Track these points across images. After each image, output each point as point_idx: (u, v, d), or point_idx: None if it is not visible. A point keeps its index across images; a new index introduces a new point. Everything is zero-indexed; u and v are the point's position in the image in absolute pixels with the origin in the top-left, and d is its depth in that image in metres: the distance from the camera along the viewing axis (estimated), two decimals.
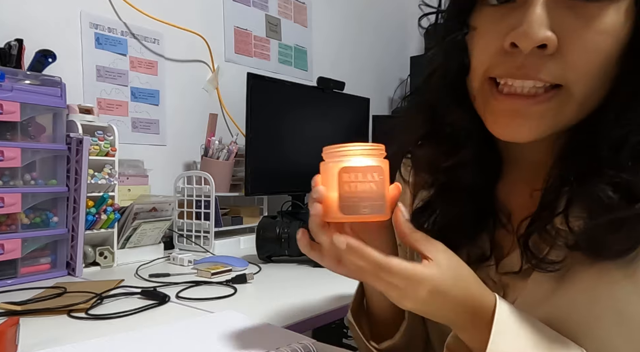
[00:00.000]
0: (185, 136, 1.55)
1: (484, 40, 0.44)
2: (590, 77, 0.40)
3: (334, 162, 0.47)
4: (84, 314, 0.76)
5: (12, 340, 0.59)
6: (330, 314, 0.81)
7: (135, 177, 1.31)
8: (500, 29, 0.42)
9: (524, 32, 0.39)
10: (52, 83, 1.04)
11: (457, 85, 0.49)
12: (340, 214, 0.46)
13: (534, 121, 0.43)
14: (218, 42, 1.64)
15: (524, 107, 0.42)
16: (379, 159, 0.47)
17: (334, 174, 0.47)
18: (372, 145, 0.48)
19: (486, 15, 0.44)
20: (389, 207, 0.47)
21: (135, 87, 1.42)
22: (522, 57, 0.40)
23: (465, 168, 0.50)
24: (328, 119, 1.64)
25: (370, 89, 2.22)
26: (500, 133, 0.45)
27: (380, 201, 0.46)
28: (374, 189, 0.46)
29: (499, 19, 0.42)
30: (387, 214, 0.47)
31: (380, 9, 2.35)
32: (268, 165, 1.41)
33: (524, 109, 0.42)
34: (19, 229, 0.98)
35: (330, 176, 0.47)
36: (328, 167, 0.48)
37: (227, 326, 0.64)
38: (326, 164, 0.49)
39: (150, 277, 1.01)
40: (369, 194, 0.46)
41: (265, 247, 1.18)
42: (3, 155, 0.93)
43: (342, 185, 0.46)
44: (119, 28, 1.38)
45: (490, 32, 0.43)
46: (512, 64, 0.41)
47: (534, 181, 0.49)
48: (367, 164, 0.46)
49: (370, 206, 0.46)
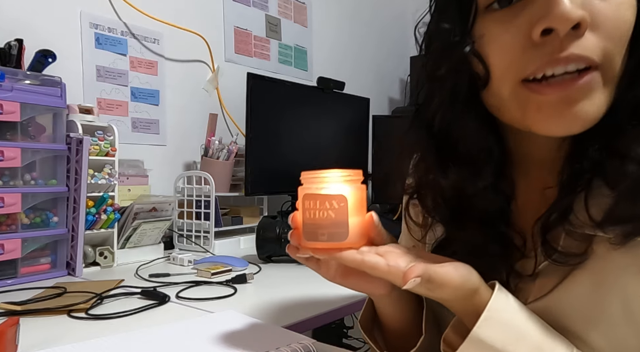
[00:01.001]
0: (185, 136, 1.55)
1: (501, 43, 0.42)
2: (622, 49, 0.40)
3: (302, 188, 0.49)
4: (84, 314, 0.76)
5: (12, 340, 0.59)
6: (330, 314, 0.81)
7: (135, 177, 1.31)
8: (519, 25, 0.40)
9: (560, 13, 0.37)
10: (52, 83, 1.04)
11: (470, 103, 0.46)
12: (304, 240, 0.48)
13: (587, 106, 0.40)
14: (218, 42, 1.64)
15: (574, 92, 0.40)
16: (351, 186, 0.47)
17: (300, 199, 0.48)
18: (346, 173, 0.48)
19: (493, 21, 0.42)
20: (357, 235, 0.47)
21: (135, 87, 1.42)
22: (558, 41, 0.39)
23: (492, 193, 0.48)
24: (328, 119, 1.64)
25: (370, 89, 2.22)
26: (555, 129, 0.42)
27: (340, 229, 0.46)
28: (332, 217, 0.46)
29: (511, 19, 0.41)
30: (350, 241, 0.46)
31: (380, 9, 2.35)
32: (268, 165, 1.41)
33: (574, 94, 0.40)
34: (19, 229, 0.98)
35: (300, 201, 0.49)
36: (299, 192, 0.49)
37: (227, 326, 0.64)
38: (300, 189, 0.50)
39: (150, 277, 1.01)
40: (327, 222, 0.46)
41: (265, 247, 1.18)
42: (3, 155, 0.93)
43: (303, 212, 0.48)
44: (119, 28, 1.38)
45: (507, 33, 0.41)
46: (548, 51, 0.39)
47: (545, 179, 0.48)
48: (326, 193, 0.47)
49: (329, 233, 0.46)
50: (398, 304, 0.53)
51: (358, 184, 0.48)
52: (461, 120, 0.47)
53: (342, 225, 0.46)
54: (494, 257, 0.49)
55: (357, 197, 0.47)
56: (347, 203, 0.46)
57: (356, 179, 0.48)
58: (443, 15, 0.46)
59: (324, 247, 0.47)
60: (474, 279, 0.42)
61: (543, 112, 0.41)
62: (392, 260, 0.42)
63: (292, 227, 0.49)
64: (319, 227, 0.46)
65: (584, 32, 0.38)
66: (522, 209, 0.50)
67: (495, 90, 0.44)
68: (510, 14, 0.41)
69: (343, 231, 0.46)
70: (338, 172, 0.47)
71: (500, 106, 0.45)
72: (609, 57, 0.39)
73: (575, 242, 0.44)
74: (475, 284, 0.42)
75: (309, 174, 0.48)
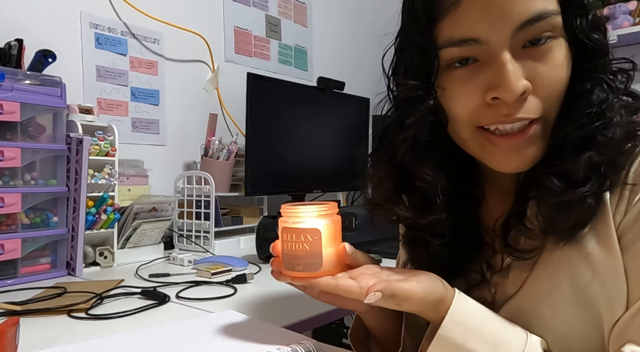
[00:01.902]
0: (185, 136, 1.55)
1: (462, 98, 0.49)
2: (557, 103, 0.48)
3: (281, 220, 0.53)
4: (84, 314, 0.76)
5: (12, 340, 0.59)
6: (330, 314, 0.81)
7: (135, 177, 1.31)
8: (476, 86, 0.48)
9: (507, 88, 0.45)
10: (52, 83, 1.04)
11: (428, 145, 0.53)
12: (283, 268, 0.53)
13: (531, 151, 0.49)
14: (218, 42, 1.64)
15: (520, 142, 0.48)
16: (325, 219, 0.52)
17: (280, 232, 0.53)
18: (321, 206, 0.52)
19: (454, 77, 0.49)
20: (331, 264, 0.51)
21: (135, 87, 1.42)
22: (506, 106, 0.46)
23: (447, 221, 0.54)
24: (328, 119, 1.64)
25: (370, 89, 2.21)
26: (506, 168, 0.50)
27: (314, 260, 0.51)
28: (307, 249, 0.51)
29: (469, 78, 0.48)
30: (325, 270, 0.51)
31: (380, 8, 2.35)
32: (268, 165, 1.41)
33: (520, 144, 0.48)
34: (19, 229, 0.98)
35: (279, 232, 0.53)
36: (279, 224, 0.54)
37: (227, 326, 0.64)
38: (279, 220, 0.54)
39: (150, 277, 1.01)
40: (302, 254, 0.51)
41: (265, 247, 1.17)
42: (3, 155, 0.93)
43: (282, 243, 0.52)
44: (119, 28, 1.38)
45: (466, 90, 0.49)
46: (498, 113, 0.47)
47: (508, 185, 0.55)
48: (302, 227, 0.51)
49: (304, 264, 0.51)
50: (379, 318, 0.59)
51: (333, 217, 0.53)
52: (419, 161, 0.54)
53: (317, 256, 0.51)
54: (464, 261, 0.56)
55: (331, 229, 0.52)
56: (321, 236, 0.51)
57: (330, 212, 0.53)
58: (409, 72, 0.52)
59: (301, 276, 0.52)
60: (438, 289, 0.48)
61: (496, 157, 0.50)
62: (363, 281, 0.48)
63: (274, 255, 0.54)
64: (295, 258, 0.51)
65: (527, 97, 0.46)
66: (491, 210, 0.57)
67: (455, 132, 0.52)
68: (467, 73, 0.48)
69: (317, 261, 0.51)
70: (314, 207, 0.52)
71: (460, 143, 0.53)
72: (548, 111, 0.48)
73: (530, 241, 0.51)
74: (440, 294, 0.48)
75: (288, 207, 0.53)
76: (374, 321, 0.60)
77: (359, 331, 0.64)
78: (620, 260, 0.47)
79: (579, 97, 0.48)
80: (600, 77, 0.48)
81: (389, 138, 0.57)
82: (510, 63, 0.45)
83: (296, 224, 0.51)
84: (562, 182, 0.48)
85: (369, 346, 0.64)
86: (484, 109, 0.48)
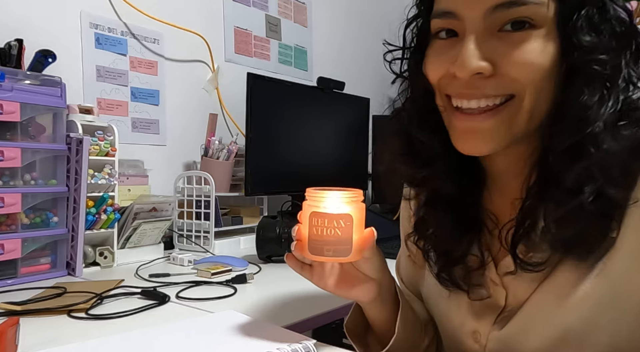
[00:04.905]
0: (185, 136, 1.55)
1: (433, 65, 0.52)
2: (533, 88, 0.47)
3: (309, 205, 0.53)
4: (84, 314, 0.76)
5: (12, 340, 0.59)
6: (330, 314, 0.81)
7: (135, 177, 1.31)
8: (446, 57, 0.49)
9: (459, 64, 0.47)
10: (52, 83, 1.04)
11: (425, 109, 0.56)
12: (308, 252, 0.52)
13: (488, 135, 0.49)
14: (218, 42, 1.64)
15: (478, 123, 0.49)
16: (353, 205, 0.52)
17: (307, 215, 0.52)
18: (349, 192, 0.52)
19: (436, 47, 0.52)
20: (357, 250, 0.52)
21: (135, 87, 1.42)
22: (464, 82, 0.48)
23: (443, 181, 0.57)
24: (328, 119, 1.63)
25: (370, 89, 2.21)
26: (461, 148, 0.51)
27: (345, 246, 0.51)
28: (339, 235, 0.51)
29: (445, 49, 0.50)
30: (352, 256, 0.52)
31: (381, 8, 2.35)
32: (268, 165, 1.41)
33: (477, 125, 0.49)
34: (19, 229, 0.98)
35: (304, 217, 0.53)
36: (304, 208, 0.53)
37: (227, 326, 0.64)
38: (305, 204, 0.54)
39: (150, 277, 1.01)
40: (334, 239, 0.51)
41: (265, 247, 1.18)
42: (3, 155, 0.93)
43: (311, 228, 0.52)
44: (119, 28, 1.38)
45: (438, 59, 0.51)
46: (457, 85, 0.49)
47: (513, 190, 0.54)
48: (335, 212, 0.51)
49: (334, 249, 0.51)
50: (382, 308, 0.61)
51: (359, 204, 0.53)
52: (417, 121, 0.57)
53: (347, 242, 0.51)
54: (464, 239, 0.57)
55: (359, 216, 0.52)
56: (353, 222, 0.51)
57: (358, 199, 0.53)
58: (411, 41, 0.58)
59: (329, 261, 0.52)
60: None
61: (455, 132, 0.51)
62: None
63: (296, 239, 0.54)
64: (326, 243, 0.51)
65: (488, 76, 0.47)
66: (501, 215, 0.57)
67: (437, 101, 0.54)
68: (445, 45, 0.51)
69: (348, 247, 0.51)
70: (342, 193, 0.52)
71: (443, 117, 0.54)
72: (519, 93, 0.47)
73: (538, 254, 0.50)
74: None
75: (315, 191, 0.53)
76: (377, 310, 0.61)
77: (357, 325, 0.66)
78: None
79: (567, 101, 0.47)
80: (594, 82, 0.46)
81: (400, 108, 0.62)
82: (470, 42, 0.47)
83: (328, 209, 0.51)
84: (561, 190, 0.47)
85: (366, 339, 0.66)
86: (448, 79, 0.50)
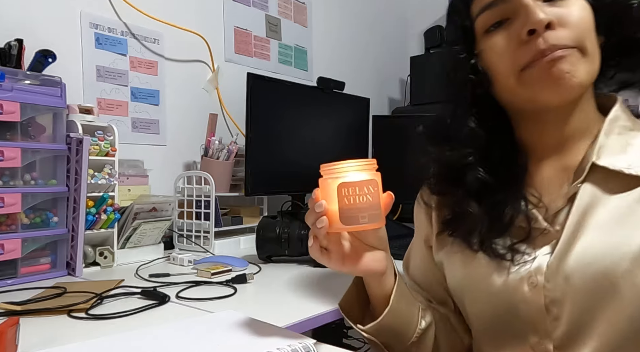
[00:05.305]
0: (185, 136, 1.55)
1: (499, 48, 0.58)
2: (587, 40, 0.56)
3: (332, 178, 0.53)
4: (84, 314, 0.76)
5: (12, 340, 0.58)
6: (330, 314, 0.81)
7: (135, 177, 1.31)
8: (511, 35, 0.57)
9: (533, 19, 0.54)
10: (52, 83, 1.04)
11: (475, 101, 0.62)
12: (342, 225, 0.52)
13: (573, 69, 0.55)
14: (218, 42, 1.64)
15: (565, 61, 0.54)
16: (372, 173, 0.53)
17: (333, 189, 0.52)
18: (365, 161, 0.54)
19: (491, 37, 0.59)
20: (384, 215, 0.53)
21: (135, 87, 1.42)
22: (541, 38, 0.54)
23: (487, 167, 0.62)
24: (328, 119, 1.63)
25: (370, 89, 2.22)
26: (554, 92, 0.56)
27: (376, 210, 0.52)
28: (370, 200, 0.52)
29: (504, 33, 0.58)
30: (382, 220, 0.53)
31: (381, 8, 2.35)
32: (268, 165, 1.41)
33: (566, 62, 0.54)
34: (19, 229, 0.98)
35: (330, 191, 0.53)
36: (327, 183, 0.54)
37: (227, 325, 0.64)
38: (324, 180, 0.54)
39: (150, 277, 1.01)
40: (367, 206, 0.52)
41: (265, 247, 1.18)
42: (3, 155, 0.93)
43: (341, 199, 0.52)
44: (119, 28, 1.38)
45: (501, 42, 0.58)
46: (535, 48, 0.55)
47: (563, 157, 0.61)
48: (362, 179, 0.52)
49: (369, 215, 0.52)
50: (388, 279, 0.64)
51: (375, 170, 0.55)
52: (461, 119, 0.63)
53: (377, 206, 0.53)
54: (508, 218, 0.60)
55: (379, 181, 0.54)
56: (379, 187, 0.53)
57: (375, 165, 0.55)
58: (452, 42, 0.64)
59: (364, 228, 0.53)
60: None
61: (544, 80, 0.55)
62: None
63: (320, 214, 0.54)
64: (360, 210, 0.52)
65: (555, 28, 0.55)
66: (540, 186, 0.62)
67: (503, 85, 0.60)
68: (502, 31, 0.58)
69: (379, 212, 0.53)
70: (359, 161, 0.53)
71: (512, 95, 0.60)
72: (581, 42, 0.56)
73: None
74: None
75: (334, 165, 0.54)
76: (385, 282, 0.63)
77: (353, 307, 0.69)
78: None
79: None
80: None
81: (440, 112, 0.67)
82: (532, 2, 0.55)
83: (355, 177, 0.52)
84: None
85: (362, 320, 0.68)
86: (523, 49, 0.56)
